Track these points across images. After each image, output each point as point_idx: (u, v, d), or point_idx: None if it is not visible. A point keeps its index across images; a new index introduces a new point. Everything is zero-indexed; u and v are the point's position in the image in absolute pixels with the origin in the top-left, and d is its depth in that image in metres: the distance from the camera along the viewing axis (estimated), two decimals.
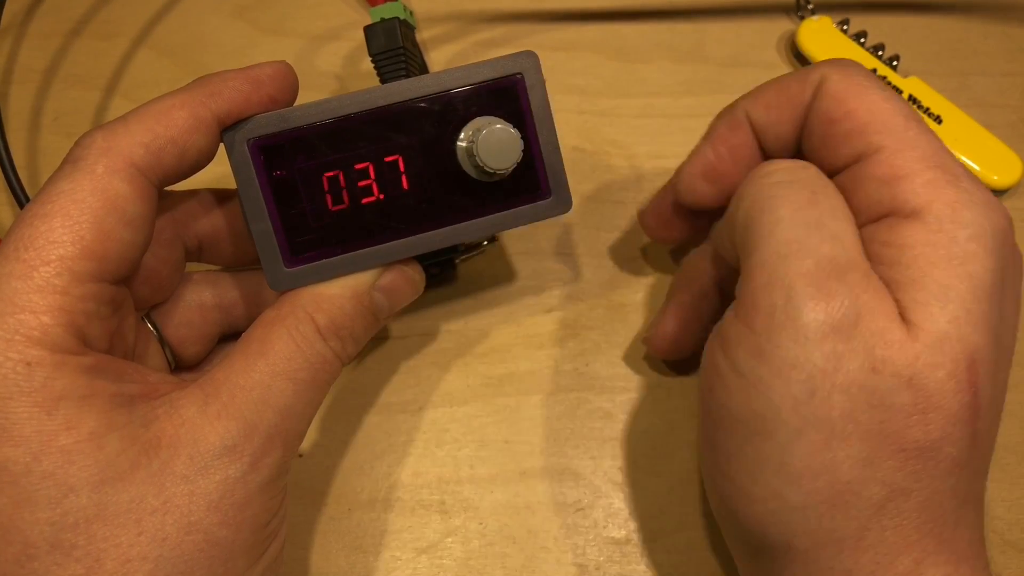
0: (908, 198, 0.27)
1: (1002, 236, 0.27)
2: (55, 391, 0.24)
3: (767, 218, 0.28)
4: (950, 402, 0.25)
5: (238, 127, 0.29)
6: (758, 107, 0.32)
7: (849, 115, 0.29)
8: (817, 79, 0.30)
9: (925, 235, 0.26)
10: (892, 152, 0.28)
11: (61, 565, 0.24)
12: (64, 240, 0.25)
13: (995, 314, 0.26)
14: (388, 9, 0.38)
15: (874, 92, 0.29)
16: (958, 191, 0.27)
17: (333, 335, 0.29)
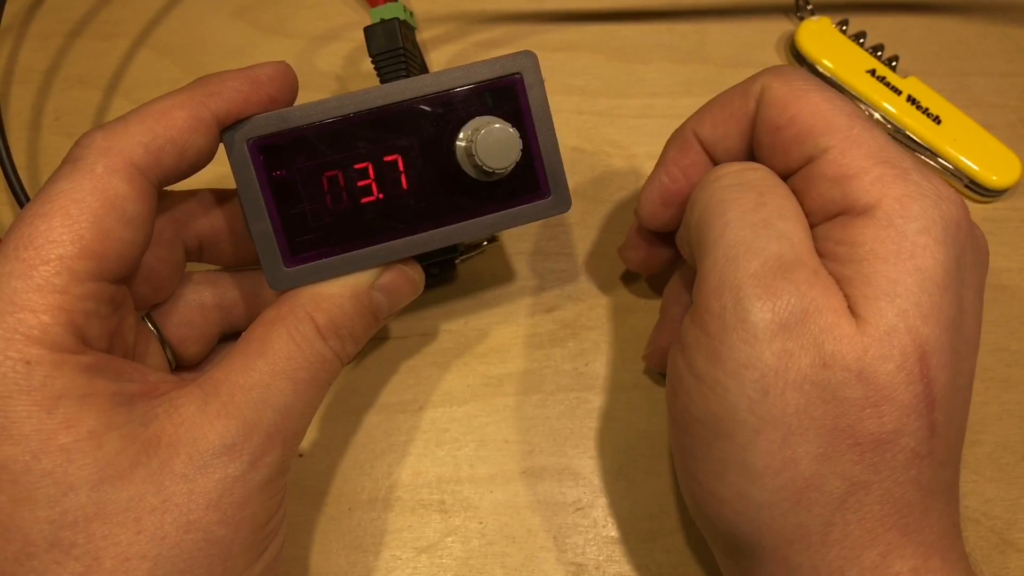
0: (858, 196, 0.27)
1: (955, 226, 0.27)
2: (55, 390, 0.24)
3: (717, 222, 0.29)
4: (902, 394, 0.26)
5: (238, 127, 0.29)
6: (704, 126, 0.33)
7: (793, 120, 0.29)
8: (758, 90, 0.31)
9: (875, 231, 0.27)
10: (839, 152, 0.28)
11: (60, 563, 0.24)
12: (64, 239, 0.25)
13: (950, 304, 0.27)
14: (388, 10, 0.38)
15: (814, 94, 0.29)
16: (906, 185, 0.27)
17: (333, 334, 0.29)
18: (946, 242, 0.27)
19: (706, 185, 0.31)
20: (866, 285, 0.26)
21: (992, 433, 0.37)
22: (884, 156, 0.28)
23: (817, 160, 0.29)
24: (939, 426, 0.26)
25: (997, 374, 0.38)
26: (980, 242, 0.29)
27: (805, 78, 0.30)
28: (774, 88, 0.30)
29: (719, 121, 0.32)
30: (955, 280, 0.27)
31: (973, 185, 0.42)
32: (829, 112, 0.29)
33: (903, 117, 0.42)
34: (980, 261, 0.29)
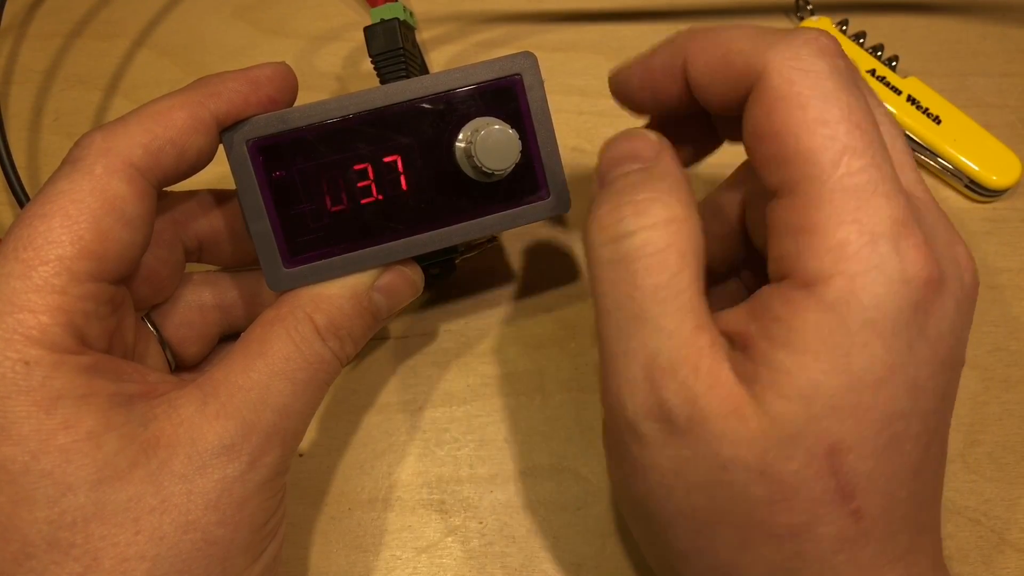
0: (809, 264, 0.24)
1: (915, 307, 0.24)
2: (53, 390, 0.24)
3: (599, 304, 0.27)
4: (811, 488, 0.24)
5: (237, 128, 0.29)
6: (698, 65, 0.28)
7: (776, 136, 0.25)
8: (759, 68, 0.25)
9: (815, 316, 0.23)
10: (807, 199, 0.24)
11: (59, 564, 0.24)
12: (63, 240, 0.25)
13: (888, 398, 0.24)
14: (388, 10, 0.38)
15: (814, 109, 0.24)
16: (869, 258, 0.23)
17: (332, 335, 0.29)
18: (896, 333, 0.23)
19: (593, 249, 0.27)
20: (786, 381, 0.24)
21: (992, 433, 0.37)
22: (858, 214, 0.23)
23: (788, 198, 0.25)
24: (866, 511, 0.24)
25: (997, 374, 0.38)
26: (959, 304, 0.25)
27: (819, 75, 0.25)
28: (773, 80, 0.25)
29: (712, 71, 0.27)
30: (898, 370, 0.24)
31: (973, 185, 0.42)
32: (821, 138, 0.24)
33: (903, 117, 0.42)
34: (958, 320, 0.25)
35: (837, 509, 0.24)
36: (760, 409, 0.24)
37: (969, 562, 0.35)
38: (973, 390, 0.38)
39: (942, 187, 0.43)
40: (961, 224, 0.42)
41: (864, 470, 0.24)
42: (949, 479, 0.36)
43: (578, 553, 0.35)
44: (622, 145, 0.29)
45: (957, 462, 0.37)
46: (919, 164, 0.43)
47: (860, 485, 0.24)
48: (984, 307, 0.40)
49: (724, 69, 0.26)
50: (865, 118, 0.24)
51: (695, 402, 0.25)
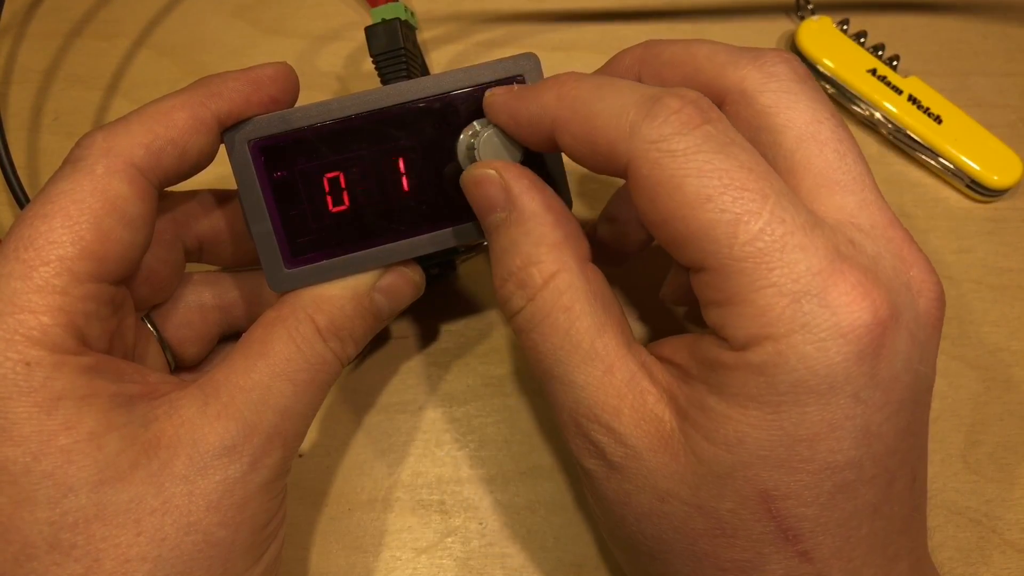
0: (735, 333, 0.23)
1: (859, 357, 0.23)
2: (54, 391, 0.24)
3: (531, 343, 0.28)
4: (750, 528, 0.24)
5: (239, 128, 0.29)
6: (566, 137, 0.27)
7: (665, 224, 0.24)
8: (625, 157, 0.24)
9: (745, 376, 0.23)
10: (718, 275, 0.23)
11: (60, 565, 0.24)
12: (64, 240, 0.25)
13: (827, 451, 0.23)
14: (389, 10, 0.38)
15: (691, 188, 0.23)
16: (794, 318, 0.22)
17: (333, 336, 0.29)
18: (834, 389, 0.23)
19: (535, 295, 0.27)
20: (718, 430, 0.24)
21: (993, 433, 0.37)
22: (772, 278, 0.23)
23: (701, 274, 0.24)
24: (817, 552, 0.24)
25: (998, 374, 0.38)
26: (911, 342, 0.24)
27: (687, 152, 0.23)
28: (642, 169, 0.24)
29: (580, 145, 0.26)
30: (842, 424, 0.23)
31: (974, 185, 0.42)
32: (709, 214, 0.23)
33: (904, 117, 0.42)
34: (910, 359, 0.24)
35: (781, 550, 0.24)
36: (688, 447, 0.24)
37: (970, 562, 0.35)
38: (974, 390, 0.38)
39: (943, 187, 0.43)
40: (962, 224, 0.42)
41: (809, 515, 0.24)
42: (949, 479, 0.36)
43: (578, 553, 0.35)
44: (475, 193, 0.29)
45: (958, 462, 0.37)
46: (920, 164, 0.43)
47: (806, 528, 0.24)
48: (985, 307, 0.40)
49: (592, 152, 0.26)
50: (750, 177, 0.23)
51: (624, 441, 0.25)
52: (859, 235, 0.25)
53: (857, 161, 0.26)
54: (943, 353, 0.38)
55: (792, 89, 0.27)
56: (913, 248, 0.26)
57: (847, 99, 0.44)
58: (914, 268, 0.25)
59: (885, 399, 0.23)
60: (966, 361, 0.39)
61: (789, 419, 0.23)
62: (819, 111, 0.27)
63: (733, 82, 0.27)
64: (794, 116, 0.26)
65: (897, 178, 0.43)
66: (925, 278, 0.25)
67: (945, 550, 0.35)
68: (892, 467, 0.24)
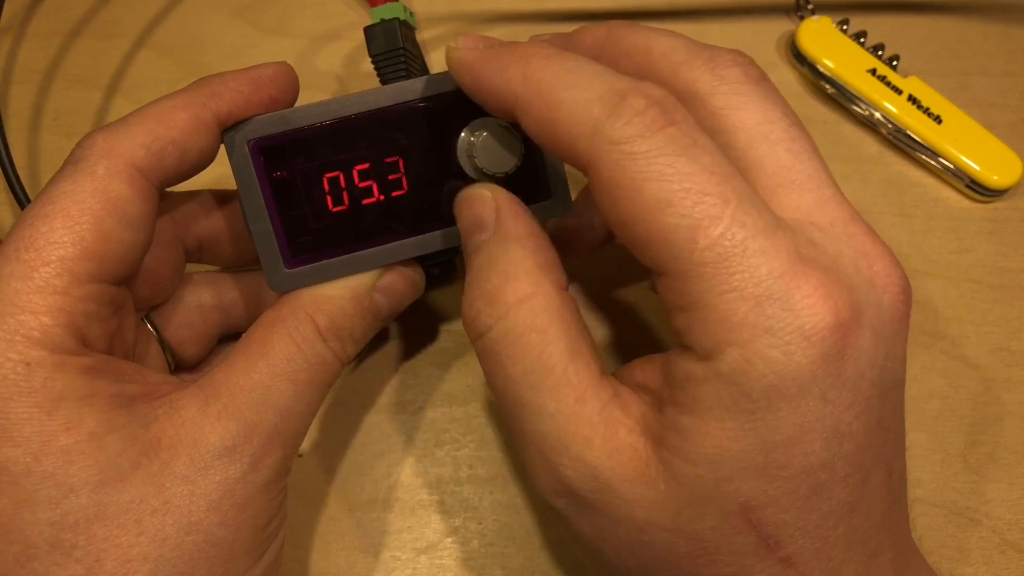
0: (700, 340, 0.23)
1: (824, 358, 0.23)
2: (55, 391, 0.24)
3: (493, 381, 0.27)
4: (731, 543, 0.24)
5: (239, 127, 0.29)
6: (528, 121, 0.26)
7: (626, 226, 0.24)
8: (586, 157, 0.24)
9: (716, 387, 0.23)
10: (680, 280, 0.23)
11: (61, 565, 0.24)
12: (64, 241, 0.25)
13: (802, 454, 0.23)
14: (388, 10, 0.38)
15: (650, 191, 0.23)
16: (757, 323, 0.22)
17: (333, 336, 0.29)
18: (803, 392, 0.23)
19: (471, 342, 0.28)
20: (694, 447, 0.23)
21: (993, 433, 0.37)
22: (735, 282, 0.22)
23: (663, 278, 0.24)
24: (798, 556, 0.24)
25: (998, 374, 0.38)
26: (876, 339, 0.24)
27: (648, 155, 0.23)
28: (603, 172, 0.24)
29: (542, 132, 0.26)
30: (812, 426, 0.23)
31: (974, 185, 0.42)
32: (670, 218, 0.23)
33: (904, 117, 0.42)
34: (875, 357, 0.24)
35: (764, 559, 0.24)
36: (667, 472, 0.24)
37: (970, 563, 0.35)
38: (974, 390, 0.38)
39: (943, 187, 0.43)
40: (962, 224, 0.42)
41: (788, 520, 0.24)
42: (950, 479, 0.36)
43: (578, 554, 0.35)
44: (465, 212, 0.29)
45: (958, 462, 0.37)
46: (920, 164, 0.43)
47: (786, 534, 0.24)
48: (984, 307, 0.40)
49: (552, 141, 0.25)
50: (711, 179, 0.23)
51: (596, 475, 0.25)
52: (819, 234, 0.25)
53: (812, 158, 0.26)
54: (943, 353, 0.39)
55: (743, 91, 0.26)
56: (875, 242, 0.26)
57: (847, 99, 0.44)
58: (877, 263, 0.25)
59: (852, 398, 0.23)
60: (966, 361, 0.39)
61: (765, 425, 0.23)
62: (770, 111, 0.26)
63: (685, 83, 0.27)
64: (744, 117, 0.26)
65: (897, 178, 0.43)
66: (889, 272, 0.25)
67: (945, 550, 0.35)
68: (866, 464, 0.24)
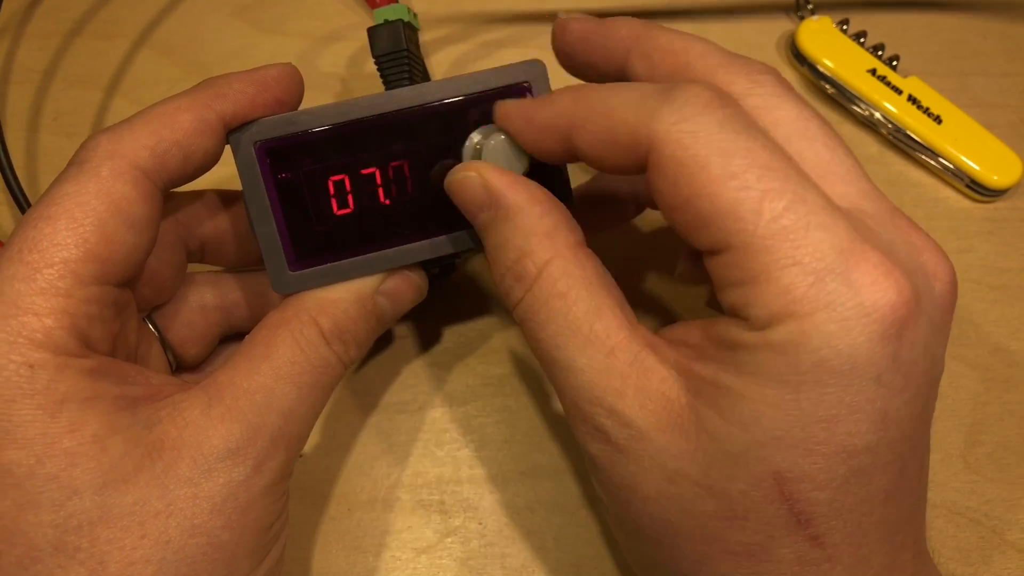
0: (758, 312, 0.23)
1: (883, 338, 0.22)
2: (58, 393, 0.24)
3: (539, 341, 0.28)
4: (762, 510, 0.24)
5: (245, 129, 0.29)
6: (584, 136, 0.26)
7: (688, 205, 0.24)
8: (647, 140, 0.24)
9: (765, 356, 0.23)
10: (741, 253, 0.23)
11: (64, 568, 0.24)
12: (68, 243, 0.25)
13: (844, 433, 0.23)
14: (392, 11, 0.38)
15: (716, 166, 0.23)
16: (818, 297, 0.22)
17: (337, 339, 0.29)
18: (856, 369, 0.22)
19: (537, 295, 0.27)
20: (732, 408, 0.23)
21: (993, 433, 0.37)
22: (798, 256, 0.22)
23: (723, 254, 0.24)
24: (828, 537, 0.24)
25: (998, 374, 0.39)
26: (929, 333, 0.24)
27: (710, 132, 0.24)
28: (666, 150, 0.24)
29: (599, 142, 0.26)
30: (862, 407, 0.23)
31: (974, 185, 0.42)
32: (734, 191, 0.23)
33: (904, 117, 0.42)
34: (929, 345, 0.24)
35: (793, 534, 0.24)
36: (699, 424, 0.24)
37: (970, 563, 0.35)
38: (974, 390, 0.38)
39: (943, 187, 0.43)
40: (962, 224, 0.42)
41: (822, 499, 0.23)
42: (950, 479, 0.36)
43: (578, 554, 0.35)
44: (459, 197, 0.29)
45: (958, 462, 0.37)
46: (920, 164, 0.43)
47: (818, 512, 0.23)
48: (985, 307, 0.40)
49: (613, 145, 0.25)
50: (772, 156, 0.23)
51: (630, 423, 0.25)
52: (870, 221, 0.25)
53: (848, 154, 0.26)
54: None
55: (778, 93, 0.27)
56: (921, 233, 0.26)
57: (847, 99, 0.44)
58: (926, 252, 0.25)
59: (904, 383, 0.23)
60: (966, 361, 0.39)
61: (808, 399, 0.23)
62: (804, 111, 0.27)
63: (723, 83, 0.27)
64: (781, 115, 0.26)
65: (897, 178, 0.43)
66: (938, 261, 0.25)
67: (945, 550, 0.35)
68: (905, 453, 0.24)
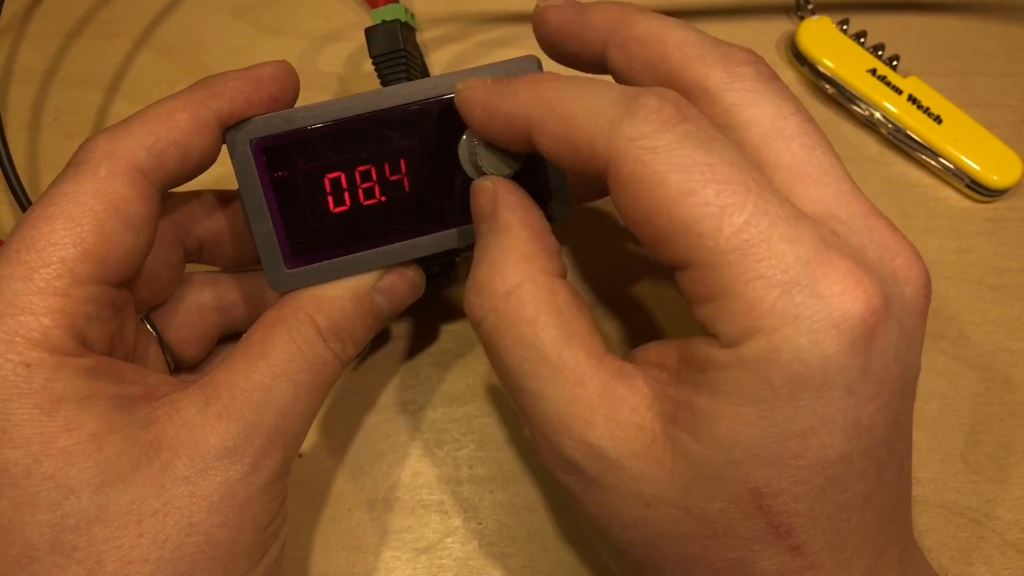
0: (726, 329, 0.23)
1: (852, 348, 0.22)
2: (55, 393, 0.24)
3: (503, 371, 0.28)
4: (741, 527, 0.23)
5: (241, 127, 0.29)
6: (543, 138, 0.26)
7: (648, 222, 0.23)
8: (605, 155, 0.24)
9: (738, 373, 0.23)
10: (706, 270, 0.23)
11: (62, 567, 0.24)
12: (65, 242, 0.25)
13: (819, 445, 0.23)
14: (389, 11, 0.38)
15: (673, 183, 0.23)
16: (785, 310, 0.22)
17: (334, 336, 0.29)
18: (827, 381, 0.22)
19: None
20: (706, 429, 0.23)
21: (993, 433, 0.37)
22: (763, 269, 0.22)
23: (687, 271, 0.24)
24: (808, 546, 0.24)
25: (998, 374, 0.38)
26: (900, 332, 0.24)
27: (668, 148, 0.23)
28: (624, 166, 0.24)
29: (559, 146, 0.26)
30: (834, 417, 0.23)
31: (974, 185, 0.42)
32: (692, 208, 0.23)
33: (904, 117, 0.42)
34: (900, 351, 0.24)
35: (773, 546, 0.24)
36: (676, 451, 0.24)
37: (970, 563, 0.35)
38: (974, 391, 0.38)
39: (943, 187, 0.43)
40: (962, 224, 0.42)
41: (800, 510, 0.23)
42: (950, 479, 0.36)
43: (578, 553, 0.35)
44: (473, 203, 0.29)
45: (958, 462, 0.37)
46: (920, 164, 0.43)
47: (797, 523, 0.23)
48: (984, 307, 0.40)
49: (572, 151, 0.25)
50: (731, 169, 0.23)
51: (600, 454, 0.25)
52: (841, 227, 0.24)
53: (827, 154, 0.26)
54: (943, 353, 0.39)
55: (756, 88, 0.26)
56: (897, 236, 0.25)
57: (847, 99, 0.44)
58: (899, 256, 0.25)
59: (876, 391, 0.23)
60: (966, 361, 0.39)
61: (783, 415, 0.22)
62: (783, 107, 0.26)
63: (698, 78, 0.26)
64: (758, 113, 0.26)
65: (897, 178, 0.43)
66: (911, 265, 0.25)
67: (945, 550, 0.35)
68: (882, 458, 0.24)
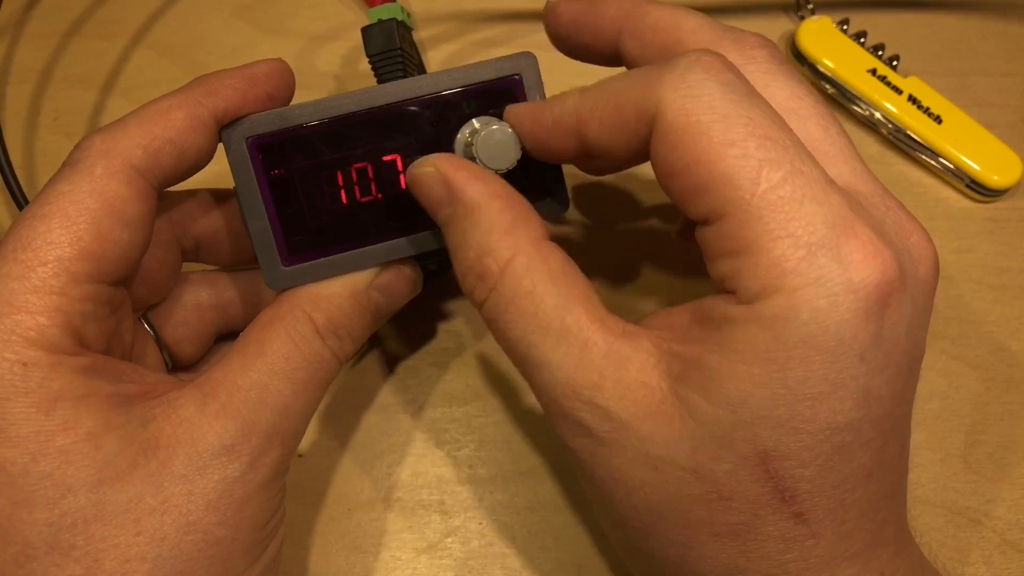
0: (748, 284, 0.23)
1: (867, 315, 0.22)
2: (52, 391, 0.24)
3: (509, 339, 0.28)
4: (747, 490, 0.24)
5: (236, 125, 0.29)
6: (592, 125, 0.26)
7: (687, 169, 0.24)
8: (652, 108, 0.24)
9: (753, 331, 0.23)
10: (736, 221, 0.23)
11: (60, 566, 0.24)
12: (62, 241, 0.25)
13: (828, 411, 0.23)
14: (386, 10, 0.38)
15: (717, 132, 0.23)
16: (808, 271, 0.22)
17: (331, 334, 0.29)
18: (841, 346, 0.22)
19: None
20: (717, 388, 0.23)
21: (993, 433, 0.37)
22: (791, 228, 0.22)
23: (717, 224, 0.24)
24: (811, 514, 0.24)
25: (998, 374, 0.38)
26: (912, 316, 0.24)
27: (712, 98, 0.23)
28: (669, 117, 0.24)
29: (608, 126, 0.26)
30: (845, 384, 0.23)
31: (974, 185, 0.42)
32: (733, 159, 0.23)
33: (904, 116, 0.42)
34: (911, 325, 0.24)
35: (777, 511, 0.24)
36: (684, 410, 0.24)
37: (970, 563, 0.35)
38: (974, 390, 0.38)
39: (943, 187, 0.43)
40: (962, 224, 0.42)
41: (806, 476, 0.23)
42: (950, 479, 0.36)
43: (578, 553, 0.35)
44: (418, 193, 0.29)
45: (958, 462, 0.37)
46: (920, 164, 0.43)
47: (803, 489, 0.23)
48: (985, 307, 0.40)
49: (619, 122, 0.25)
50: (772, 126, 0.23)
51: (610, 416, 0.25)
52: (862, 200, 0.25)
53: (840, 134, 0.26)
54: (943, 353, 0.39)
55: (770, 70, 0.27)
56: (910, 216, 0.26)
57: (847, 99, 0.44)
58: (913, 235, 0.25)
59: (886, 361, 0.23)
60: (966, 361, 0.39)
61: (795, 377, 0.22)
62: (797, 89, 0.27)
63: None
64: (773, 93, 0.26)
65: (897, 178, 0.43)
66: (924, 245, 0.26)
67: (945, 550, 0.35)
68: (887, 431, 0.24)
